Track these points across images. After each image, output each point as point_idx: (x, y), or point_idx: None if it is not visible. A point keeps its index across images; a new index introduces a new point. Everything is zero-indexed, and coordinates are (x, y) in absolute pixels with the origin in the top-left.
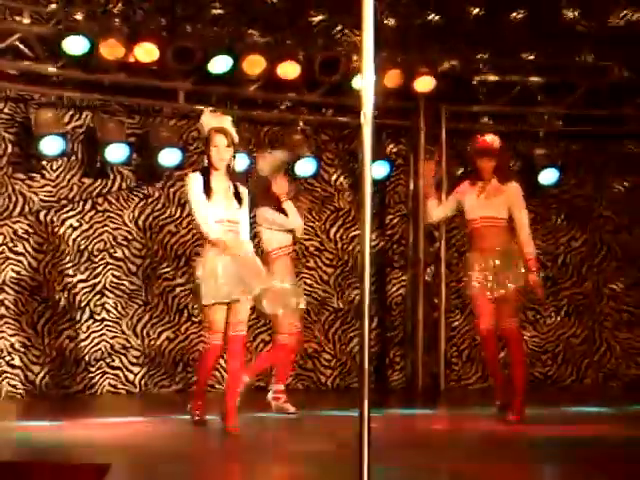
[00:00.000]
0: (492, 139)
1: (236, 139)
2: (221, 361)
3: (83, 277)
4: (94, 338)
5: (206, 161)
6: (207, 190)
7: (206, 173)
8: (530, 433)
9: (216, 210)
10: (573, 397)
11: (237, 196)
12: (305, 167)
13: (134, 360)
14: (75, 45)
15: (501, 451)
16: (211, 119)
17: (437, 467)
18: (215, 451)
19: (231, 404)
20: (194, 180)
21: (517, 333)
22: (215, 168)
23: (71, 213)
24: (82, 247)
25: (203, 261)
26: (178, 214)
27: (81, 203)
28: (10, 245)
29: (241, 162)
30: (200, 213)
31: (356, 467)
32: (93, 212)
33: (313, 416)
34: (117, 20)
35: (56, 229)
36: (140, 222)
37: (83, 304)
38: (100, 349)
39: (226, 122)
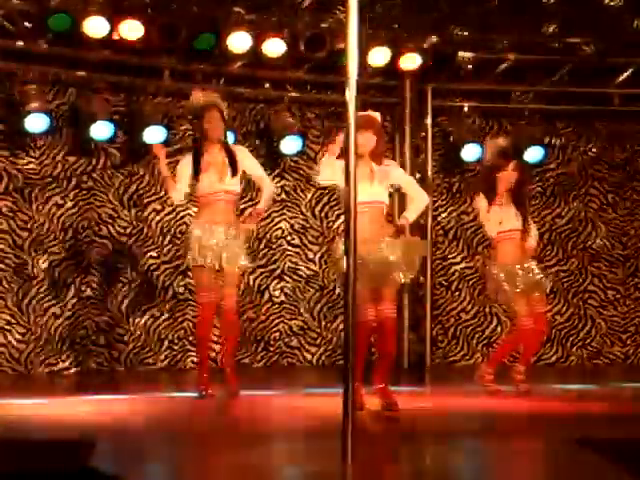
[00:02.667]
0: (374, 114)
1: (226, 113)
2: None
3: (68, 255)
4: (80, 316)
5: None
6: (199, 165)
7: (198, 150)
8: (515, 409)
9: (211, 182)
10: (558, 374)
11: (233, 166)
12: (290, 144)
13: (119, 338)
14: (60, 22)
15: (487, 426)
16: (201, 97)
17: (424, 442)
18: (200, 428)
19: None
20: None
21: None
22: (211, 142)
23: (56, 191)
24: (67, 225)
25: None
26: (163, 192)
27: (65, 181)
28: None
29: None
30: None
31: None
32: (78, 190)
33: (299, 393)
34: None
35: (40, 207)
36: (125, 200)
37: (68, 282)
38: (85, 327)
39: (215, 98)
